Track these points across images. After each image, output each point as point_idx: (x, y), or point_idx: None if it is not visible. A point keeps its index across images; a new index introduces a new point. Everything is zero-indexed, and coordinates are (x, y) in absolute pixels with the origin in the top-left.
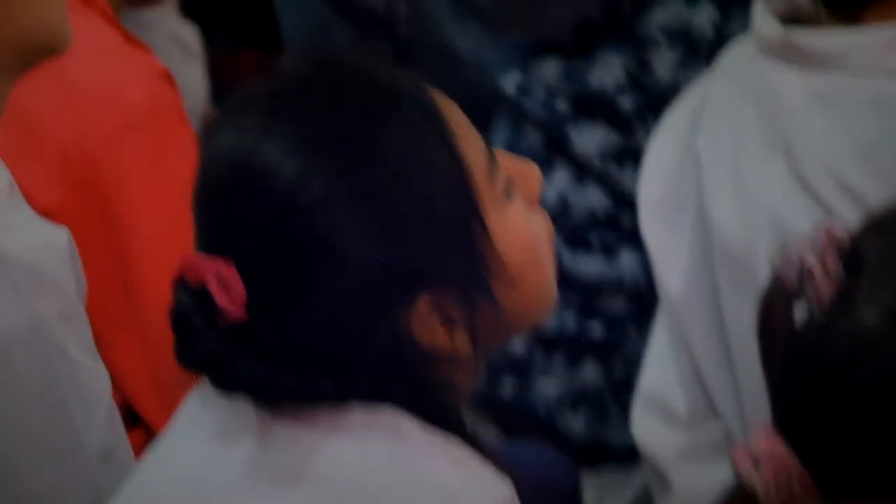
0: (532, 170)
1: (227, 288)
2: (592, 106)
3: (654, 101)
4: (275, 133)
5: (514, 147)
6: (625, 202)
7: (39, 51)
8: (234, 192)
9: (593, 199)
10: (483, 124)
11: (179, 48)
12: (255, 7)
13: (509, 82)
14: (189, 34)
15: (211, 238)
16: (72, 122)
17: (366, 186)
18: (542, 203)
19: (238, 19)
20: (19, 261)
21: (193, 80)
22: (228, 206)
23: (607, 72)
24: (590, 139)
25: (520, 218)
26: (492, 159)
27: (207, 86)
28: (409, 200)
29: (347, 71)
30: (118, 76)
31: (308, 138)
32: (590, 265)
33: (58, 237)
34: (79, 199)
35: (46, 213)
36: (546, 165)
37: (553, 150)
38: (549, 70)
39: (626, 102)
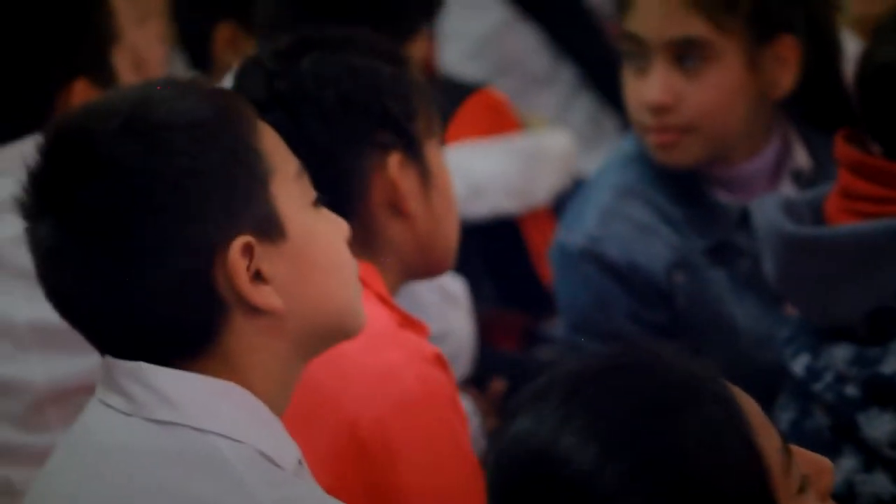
0: (826, 465)
1: None
2: (884, 394)
3: None
4: (573, 423)
5: (800, 428)
6: None
7: (334, 334)
8: (532, 480)
9: (880, 485)
10: (761, 396)
11: (445, 299)
12: (523, 270)
13: (798, 364)
14: (457, 287)
15: None
16: (345, 406)
17: (662, 481)
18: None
19: (506, 280)
20: None
21: (459, 328)
22: (524, 493)
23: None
24: (880, 426)
25: None
26: (787, 453)
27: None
28: (705, 495)
29: (645, 361)
30: (391, 360)
31: (605, 430)
32: None
33: None
34: (347, 484)
35: None
36: (833, 451)
37: (840, 435)
38: (840, 355)
39: None
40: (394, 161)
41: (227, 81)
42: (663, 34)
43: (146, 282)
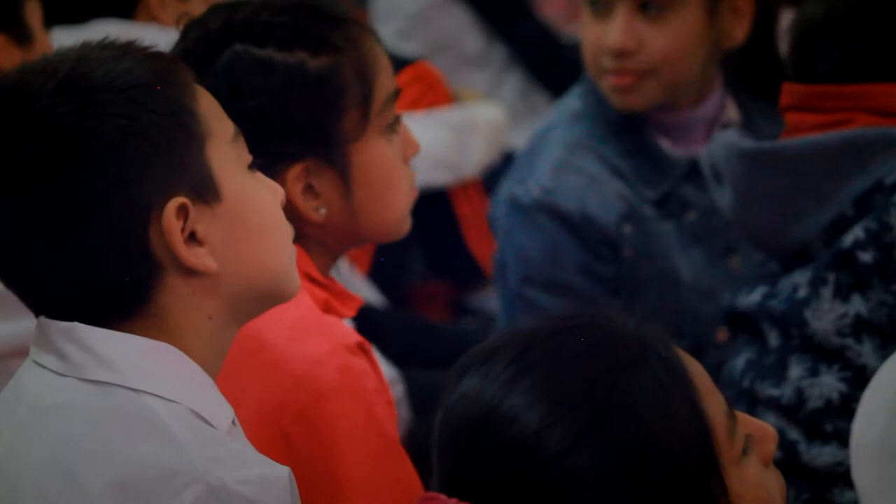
0: (769, 431)
1: None
2: (830, 268)
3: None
4: (521, 382)
5: (755, 365)
6: (863, 383)
7: (267, 297)
8: (478, 438)
9: (828, 386)
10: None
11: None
12: (452, 242)
13: (755, 294)
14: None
15: (451, 479)
16: (269, 398)
17: (609, 438)
18: (780, 401)
19: (436, 251)
20: (238, 493)
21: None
22: (471, 451)
23: (849, 235)
24: (825, 316)
25: (756, 476)
26: (732, 417)
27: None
28: (652, 455)
29: (594, 323)
30: (313, 351)
31: (552, 390)
32: (825, 455)
33: (279, 474)
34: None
35: None
36: (782, 367)
37: (790, 347)
38: (798, 275)
39: (865, 256)
40: (293, 173)
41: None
42: None
43: (81, 241)
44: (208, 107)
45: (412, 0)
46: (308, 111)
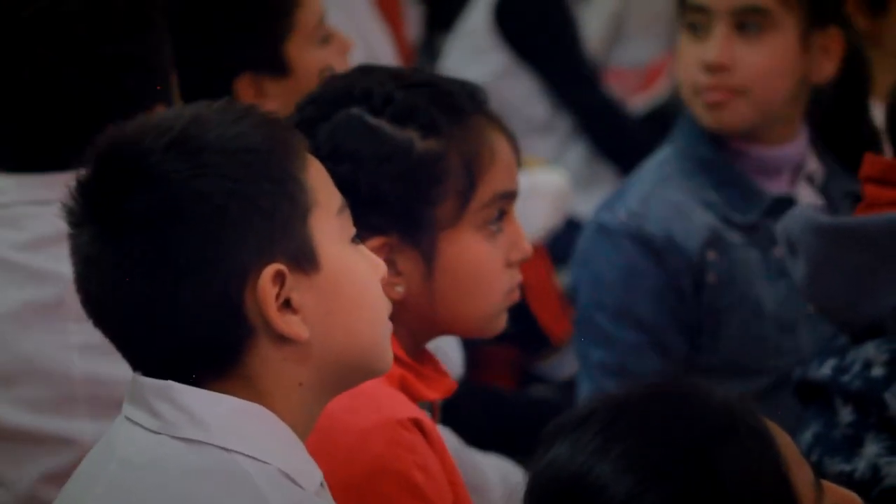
0: (854, 499)
1: None
2: None
3: None
4: (610, 451)
5: (825, 439)
6: None
7: (359, 370)
8: None
9: None
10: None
11: None
12: (517, 307)
13: (825, 368)
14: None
15: None
16: (321, 466)
17: None
18: (852, 476)
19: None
20: None
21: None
22: None
23: None
24: None
25: None
26: (818, 488)
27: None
28: None
29: (684, 392)
30: (365, 424)
31: (642, 460)
32: None
33: None
34: None
35: None
36: (857, 447)
37: (866, 424)
38: (868, 348)
39: None
40: (373, 244)
41: None
42: (730, 3)
43: (177, 299)
44: (317, 177)
45: (479, 67)
46: (400, 187)
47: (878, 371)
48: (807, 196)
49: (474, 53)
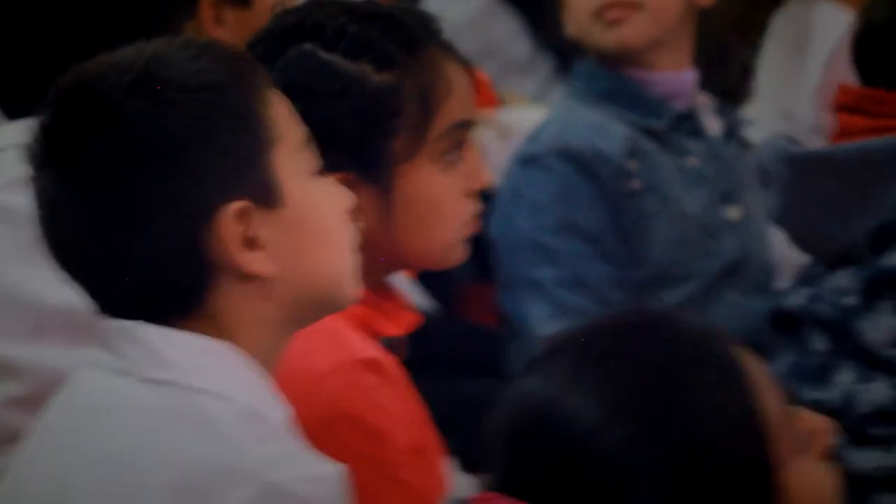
0: (824, 424)
1: None
2: (885, 286)
3: None
4: (580, 383)
5: (799, 367)
6: None
7: (324, 304)
8: (535, 438)
9: (881, 392)
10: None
11: None
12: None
13: (800, 295)
14: None
15: (508, 479)
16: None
17: (664, 444)
18: (825, 405)
19: (484, 254)
20: (293, 491)
21: None
22: (528, 450)
23: None
24: (879, 328)
25: (812, 471)
26: (788, 414)
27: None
28: (709, 454)
29: (653, 323)
30: (319, 367)
31: (611, 392)
32: (868, 460)
33: (332, 472)
34: None
35: None
36: (830, 374)
37: (839, 352)
38: (843, 276)
39: None
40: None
41: None
42: None
43: (141, 239)
44: (279, 110)
45: (463, 6)
46: (355, 125)
47: (850, 299)
48: (708, 120)
49: None
